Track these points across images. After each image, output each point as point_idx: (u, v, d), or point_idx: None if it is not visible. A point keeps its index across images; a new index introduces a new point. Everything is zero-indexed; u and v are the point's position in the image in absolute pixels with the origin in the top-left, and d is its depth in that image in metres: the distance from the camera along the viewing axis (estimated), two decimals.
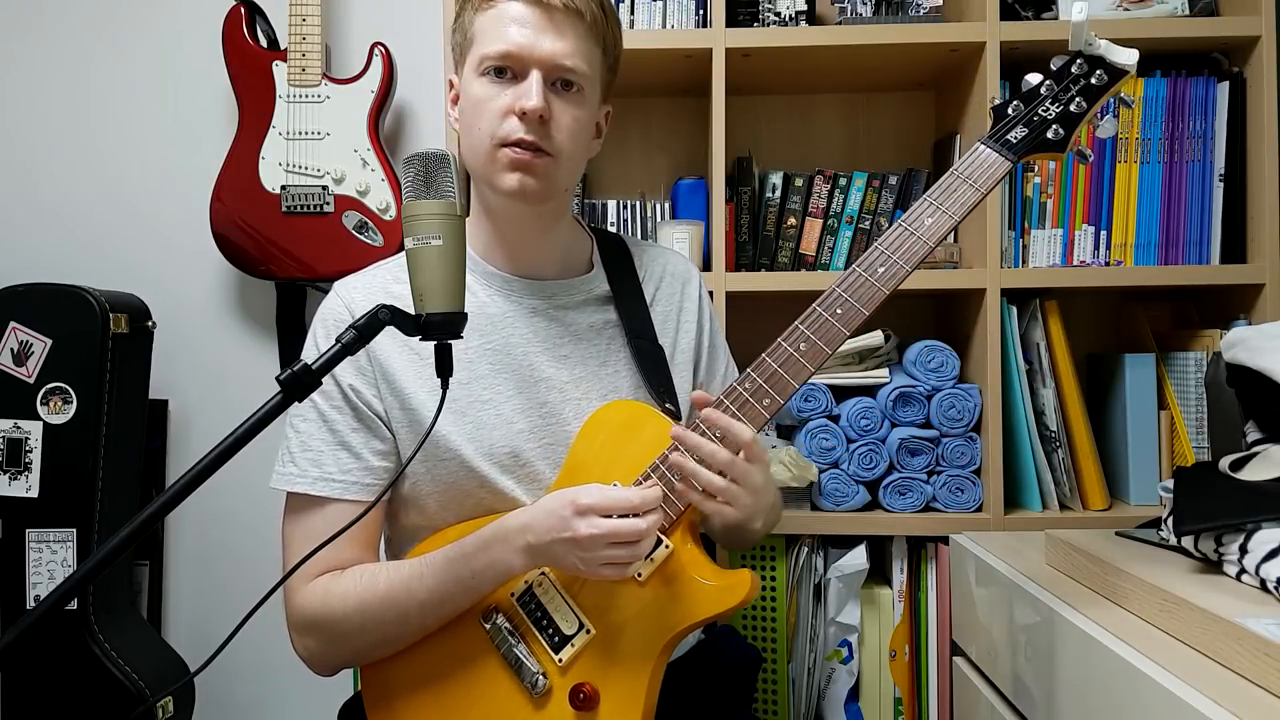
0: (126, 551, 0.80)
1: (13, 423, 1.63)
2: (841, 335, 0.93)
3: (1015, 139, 0.95)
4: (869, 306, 0.93)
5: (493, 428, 1.05)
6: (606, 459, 1.01)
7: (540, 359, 1.09)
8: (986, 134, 0.97)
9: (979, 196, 0.94)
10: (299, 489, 1.03)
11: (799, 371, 0.94)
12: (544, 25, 1.00)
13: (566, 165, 1.05)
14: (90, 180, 1.91)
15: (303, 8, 1.73)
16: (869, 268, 0.94)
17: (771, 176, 1.67)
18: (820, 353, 0.93)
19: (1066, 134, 0.95)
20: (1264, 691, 0.75)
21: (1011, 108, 0.97)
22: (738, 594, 0.93)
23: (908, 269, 0.93)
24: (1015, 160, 0.95)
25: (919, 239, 0.94)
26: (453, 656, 1.00)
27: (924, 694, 1.53)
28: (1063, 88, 0.96)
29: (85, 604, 1.59)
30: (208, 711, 1.83)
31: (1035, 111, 0.96)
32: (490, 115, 1.02)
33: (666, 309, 1.18)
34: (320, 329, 1.08)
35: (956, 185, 0.95)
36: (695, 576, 0.94)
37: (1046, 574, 1.12)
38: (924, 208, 0.95)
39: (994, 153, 0.95)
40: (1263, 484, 0.96)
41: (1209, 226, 1.57)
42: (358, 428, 1.05)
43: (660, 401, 1.08)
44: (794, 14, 1.60)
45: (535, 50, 1.00)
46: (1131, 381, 1.57)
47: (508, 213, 1.08)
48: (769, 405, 0.94)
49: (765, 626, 1.53)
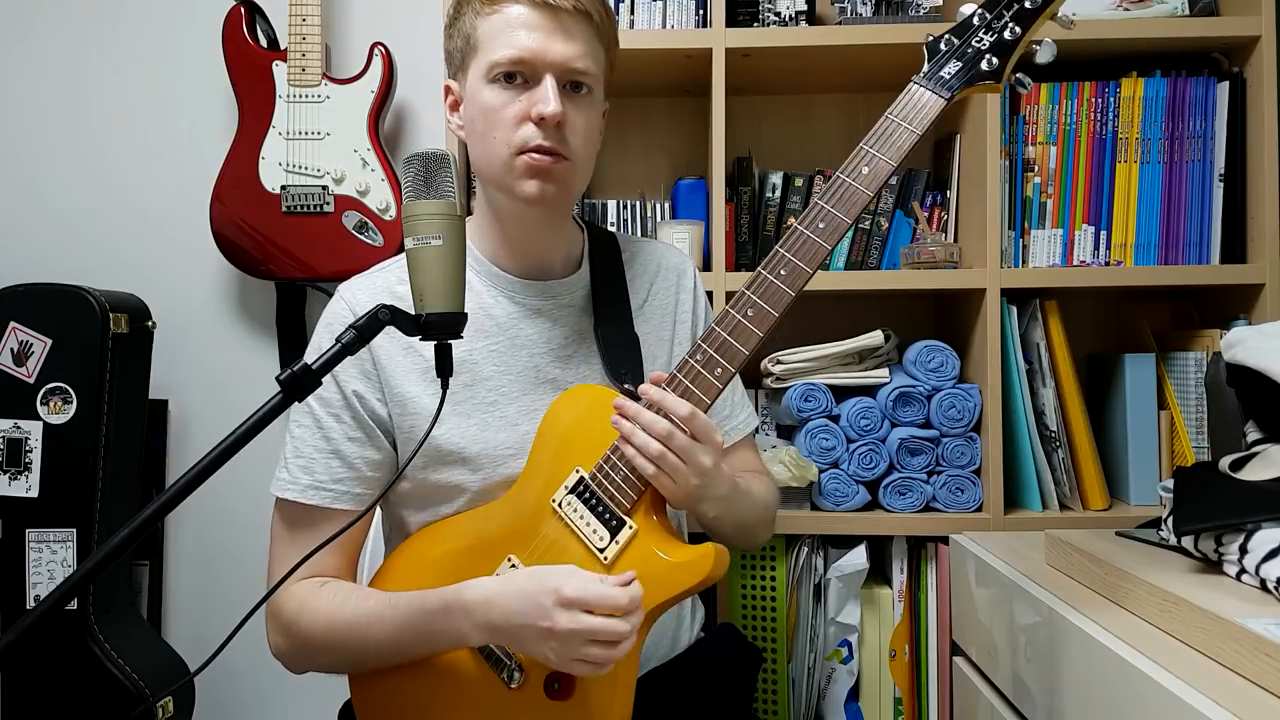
0: (126, 551, 0.80)
1: (13, 423, 1.63)
2: (787, 296, 0.93)
3: (949, 74, 0.93)
4: (812, 264, 0.93)
5: (497, 430, 1.06)
6: (569, 445, 1.00)
7: (545, 360, 1.09)
8: (921, 73, 0.94)
9: (915, 138, 0.92)
10: (289, 496, 1.03)
11: (748, 338, 0.94)
12: (553, 28, 1.00)
13: (582, 168, 1.06)
14: (90, 180, 1.91)
15: (303, 8, 1.73)
16: (810, 224, 0.94)
17: (771, 176, 1.67)
18: (767, 316, 0.93)
19: (1001, 64, 0.92)
20: (1264, 691, 0.75)
21: (944, 42, 0.94)
22: (704, 567, 0.92)
23: (848, 220, 0.93)
24: (949, 97, 0.92)
25: (858, 188, 0.93)
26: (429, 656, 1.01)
27: (924, 694, 1.53)
28: (995, 14, 0.93)
29: (85, 604, 1.59)
30: (208, 711, 1.83)
31: (969, 44, 0.93)
32: (505, 123, 1.01)
33: (664, 303, 1.18)
34: (325, 332, 1.07)
35: (892, 129, 0.93)
36: (660, 554, 0.93)
37: (1046, 574, 1.12)
38: (861, 157, 0.94)
39: (928, 91, 0.93)
40: (1263, 484, 0.96)
41: (1209, 226, 1.57)
42: (355, 436, 1.05)
43: (619, 383, 1.07)
44: (794, 14, 1.60)
45: (547, 54, 0.99)
46: (1131, 381, 1.57)
47: (519, 216, 1.07)
48: (721, 374, 0.94)
49: (765, 626, 1.53)
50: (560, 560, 0.96)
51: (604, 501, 0.96)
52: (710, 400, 0.95)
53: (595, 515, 0.96)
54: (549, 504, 0.99)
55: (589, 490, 0.97)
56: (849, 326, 1.59)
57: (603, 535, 0.95)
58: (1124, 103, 1.57)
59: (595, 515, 0.96)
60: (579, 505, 0.97)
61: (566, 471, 0.99)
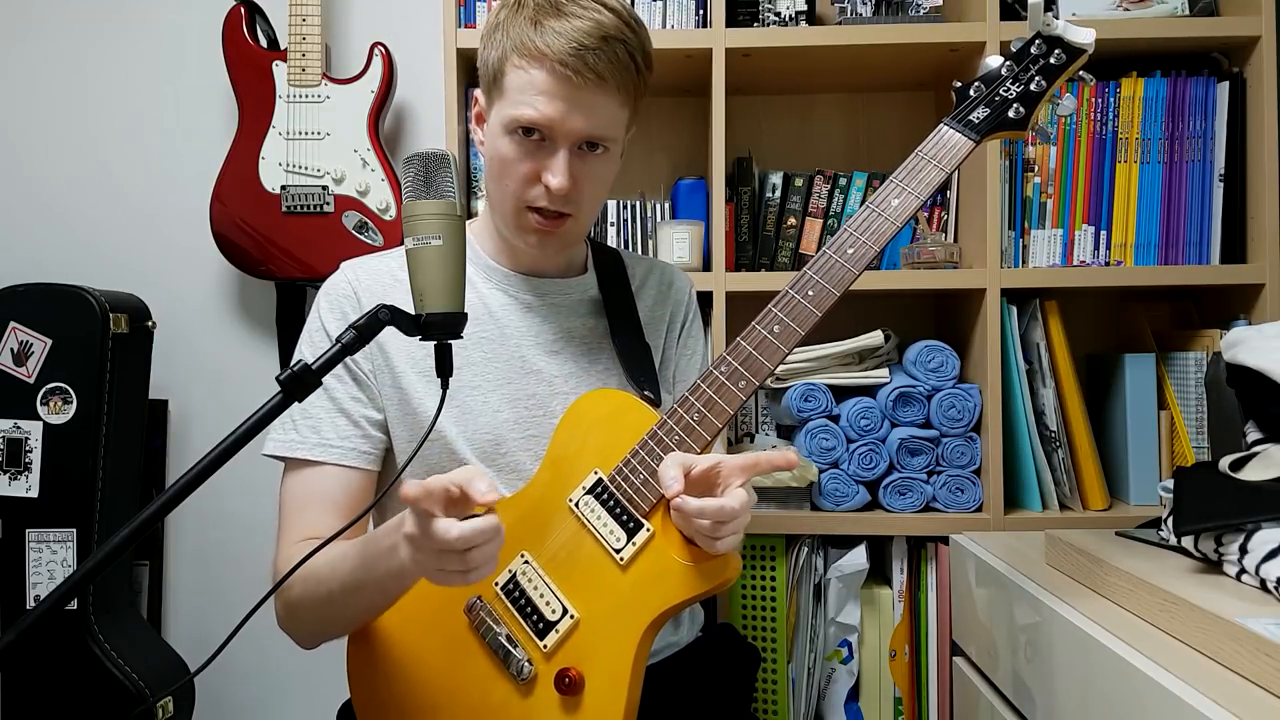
0: (126, 551, 0.80)
1: (13, 423, 1.63)
2: (814, 316, 0.96)
3: (977, 119, 0.98)
4: (840, 287, 0.95)
5: (478, 414, 1.07)
6: (588, 447, 1.01)
7: (532, 351, 1.11)
8: (950, 114, 0.99)
9: (943, 176, 0.96)
10: (299, 455, 1.05)
11: (773, 353, 0.95)
12: (574, 100, 0.99)
13: (587, 217, 1.09)
14: (90, 180, 1.91)
15: (303, 8, 1.73)
16: (839, 249, 0.96)
17: (771, 176, 1.67)
18: (794, 334, 0.96)
19: (1027, 112, 0.98)
20: (1264, 691, 0.75)
21: (973, 89, 0.99)
22: (720, 573, 0.93)
23: (876, 249, 0.96)
24: (978, 139, 0.97)
25: (887, 219, 0.96)
26: (436, 645, 1.00)
27: (924, 694, 1.53)
28: (1022, 68, 0.99)
29: (85, 604, 1.59)
30: (208, 711, 1.83)
31: (996, 92, 0.99)
32: (516, 177, 1.03)
33: (659, 314, 1.21)
34: (324, 302, 1.10)
35: (921, 166, 0.97)
36: (676, 558, 0.94)
37: (1046, 574, 1.12)
38: (890, 189, 0.97)
39: (957, 133, 0.98)
40: (1263, 484, 0.96)
41: (1209, 226, 1.57)
42: (356, 395, 1.07)
43: (640, 390, 1.09)
44: (794, 14, 1.60)
45: (564, 125, 1.00)
46: (1131, 381, 1.57)
47: (520, 245, 1.10)
48: (744, 387, 0.95)
49: (765, 626, 1.53)
50: (576, 558, 0.97)
51: (621, 504, 0.97)
52: (733, 412, 0.96)
53: (612, 517, 0.97)
54: (565, 503, 0.99)
55: (607, 492, 0.98)
56: (849, 326, 1.59)
57: (619, 536, 0.96)
58: (1124, 103, 1.57)
59: (612, 517, 0.97)
60: (596, 506, 0.98)
61: (584, 473, 1.00)
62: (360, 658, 1.05)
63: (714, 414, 0.95)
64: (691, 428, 0.95)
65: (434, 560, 0.83)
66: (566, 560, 0.97)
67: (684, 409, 0.96)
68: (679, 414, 0.96)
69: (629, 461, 0.97)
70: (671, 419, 0.96)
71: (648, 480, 0.96)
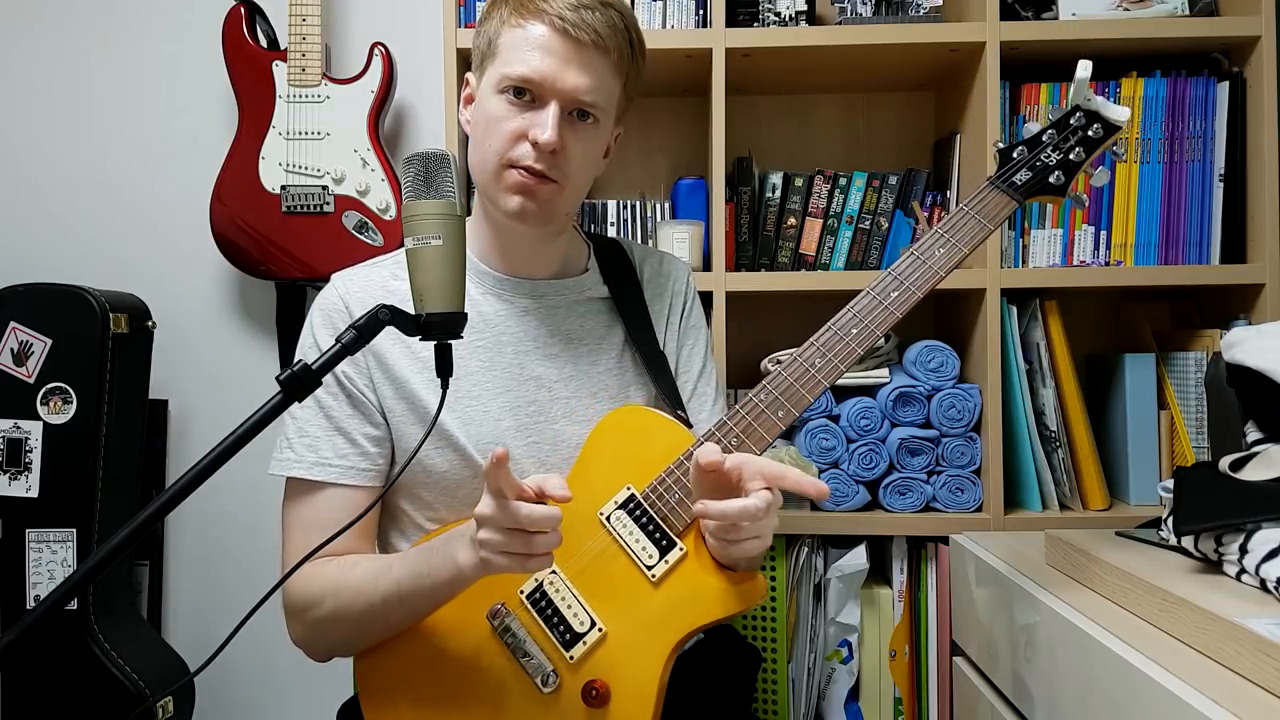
0: (126, 551, 0.80)
1: (13, 423, 1.63)
2: (855, 354, 0.99)
3: (1020, 181, 1.04)
4: (882, 328, 1.00)
5: (480, 423, 1.07)
6: (620, 461, 1.02)
7: (530, 357, 1.10)
8: (995, 174, 1.03)
9: (987, 233, 1.01)
10: (296, 474, 1.05)
11: (814, 386, 0.98)
12: (569, 57, 1.00)
13: (571, 192, 1.07)
14: (90, 180, 1.91)
15: (303, 8, 1.73)
16: (882, 293, 1.00)
17: (771, 176, 1.67)
18: (835, 370, 0.99)
19: (1066, 180, 1.04)
20: (1264, 691, 0.75)
21: (1016, 152, 1.05)
22: (751, 597, 0.95)
23: (920, 294, 1.00)
24: (1021, 201, 1.03)
25: (930, 269, 1.01)
26: (456, 652, 1.00)
27: (924, 694, 1.53)
28: (1063, 137, 1.05)
29: (85, 604, 1.59)
30: (208, 711, 1.84)
31: (1038, 157, 1.05)
32: (503, 136, 1.02)
33: (658, 308, 1.20)
34: (317, 317, 1.09)
35: (966, 220, 1.02)
36: (708, 579, 0.95)
37: (1046, 574, 1.12)
38: (935, 239, 1.01)
39: (1002, 193, 1.03)
40: (1263, 484, 0.96)
41: (1209, 226, 1.57)
42: (352, 414, 1.06)
43: (673, 408, 1.10)
44: (794, 14, 1.60)
45: (557, 81, 1.00)
46: (1131, 381, 1.57)
47: (507, 224, 1.08)
48: (784, 416, 0.97)
49: (765, 626, 1.53)
50: (605, 572, 0.98)
51: (655, 521, 0.98)
52: (770, 440, 0.97)
53: (645, 533, 0.98)
54: (596, 517, 1.00)
55: (640, 508, 0.99)
56: None
57: (652, 553, 0.97)
58: (1124, 102, 1.56)
59: (645, 533, 0.98)
60: (629, 521, 0.99)
61: (617, 487, 1.00)
62: (371, 665, 1.04)
63: (752, 440, 0.97)
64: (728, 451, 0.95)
65: (501, 539, 0.86)
66: (595, 573, 0.98)
67: (721, 433, 0.98)
68: (716, 438, 0.97)
69: (664, 480, 0.98)
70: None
71: (682, 500, 0.97)
